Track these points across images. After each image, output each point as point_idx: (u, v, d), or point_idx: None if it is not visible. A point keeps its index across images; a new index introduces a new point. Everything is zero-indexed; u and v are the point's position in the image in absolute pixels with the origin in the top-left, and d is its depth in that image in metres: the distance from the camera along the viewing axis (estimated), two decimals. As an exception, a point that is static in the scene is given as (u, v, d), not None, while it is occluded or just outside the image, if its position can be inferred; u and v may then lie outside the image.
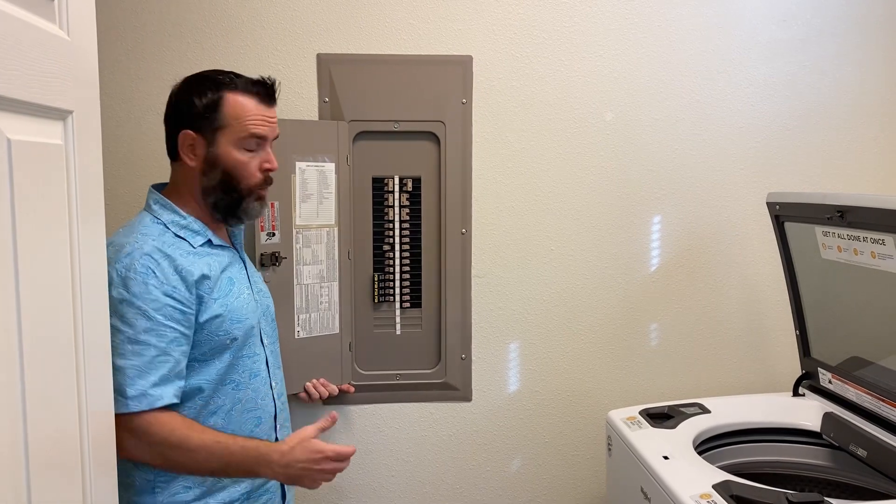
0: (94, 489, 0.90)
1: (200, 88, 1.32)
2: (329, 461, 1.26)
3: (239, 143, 1.33)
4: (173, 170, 1.38)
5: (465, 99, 1.91)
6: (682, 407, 1.71)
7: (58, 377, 0.82)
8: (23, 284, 0.72)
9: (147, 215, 1.32)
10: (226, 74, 1.35)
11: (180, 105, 1.33)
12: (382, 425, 1.99)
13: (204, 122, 1.31)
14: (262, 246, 1.75)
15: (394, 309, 1.96)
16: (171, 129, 1.35)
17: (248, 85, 1.34)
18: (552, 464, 2.06)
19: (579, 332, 2.02)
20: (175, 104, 1.34)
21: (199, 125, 1.31)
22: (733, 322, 2.05)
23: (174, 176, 1.37)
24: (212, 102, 1.31)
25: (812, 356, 1.76)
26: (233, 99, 1.32)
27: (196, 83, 1.33)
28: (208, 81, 1.33)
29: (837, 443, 1.61)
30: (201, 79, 1.34)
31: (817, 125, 2.01)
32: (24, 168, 0.73)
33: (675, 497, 1.31)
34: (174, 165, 1.37)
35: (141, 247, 1.24)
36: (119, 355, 1.18)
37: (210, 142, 1.32)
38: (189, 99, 1.32)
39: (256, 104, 1.34)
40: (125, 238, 1.26)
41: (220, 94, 1.32)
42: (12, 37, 0.72)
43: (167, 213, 1.33)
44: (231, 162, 1.33)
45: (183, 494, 1.28)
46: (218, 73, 1.35)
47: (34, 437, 0.74)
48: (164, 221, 1.31)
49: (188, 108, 1.32)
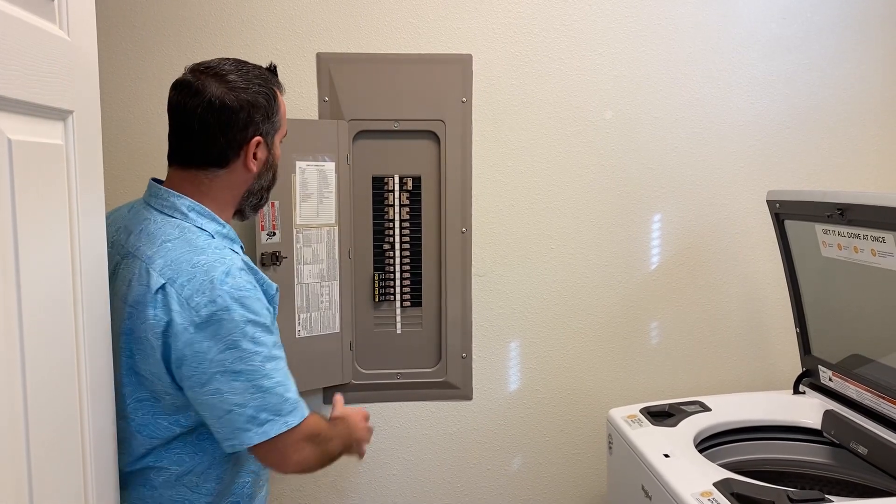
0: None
1: (262, 88, 1.20)
2: (366, 419, 1.38)
3: (282, 139, 1.29)
4: (211, 175, 1.19)
5: (464, 98, 1.91)
6: (682, 405, 1.72)
7: (59, 377, 0.82)
8: (24, 284, 0.72)
9: (187, 224, 1.16)
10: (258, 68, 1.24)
11: (245, 108, 1.17)
12: (383, 424, 1.99)
13: (271, 125, 1.22)
14: (263, 245, 1.75)
15: (394, 308, 1.97)
16: (232, 136, 1.18)
17: (276, 78, 1.27)
18: (553, 462, 2.06)
19: (579, 330, 2.02)
20: (236, 108, 1.17)
21: (267, 129, 1.22)
22: (734, 320, 2.05)
23: (214, 182, 1.20)
24: (274, 102, 1.22)
25: (812, 354, 1.76)
26: (278, 97, 1.25)
27: (254, 81, 1.20)
28: (262, 79, 1.21)
29: (838, 440, 1.61)
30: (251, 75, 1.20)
31: (817, 123, 2.01)
32: (24, 168, 0.73)
33: (676, 495, 1.31)
34: (214, 172, 1.19)
35: (234, 262, 1.12)
36: (263, 376, 1.09)
37: (271, 144, 1.24)
38: (256, 101, 1.19)
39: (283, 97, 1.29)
40: (196, 255, 1.11)
41: (275, 90, 1.23)
42: (12, 37, 0.72)
43: (208, 221, 1.18)
44: (277, 161, 1.28)
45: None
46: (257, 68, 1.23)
47: (35, 434, 0.74)
48: (210, 231, 1.17)
49: (257, 111, 1.19)
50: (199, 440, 1.15)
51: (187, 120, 1.18)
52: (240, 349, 1.07)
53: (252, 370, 1.08)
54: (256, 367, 1.09)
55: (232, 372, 1.07)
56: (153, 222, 1.16)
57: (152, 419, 1.12)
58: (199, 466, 1.16)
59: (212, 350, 1.06)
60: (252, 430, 1.08)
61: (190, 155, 1.20)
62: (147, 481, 1.14)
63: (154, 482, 1.14)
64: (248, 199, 1.26)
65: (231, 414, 1.08)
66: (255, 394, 1.08)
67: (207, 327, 1.07)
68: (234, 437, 1.09)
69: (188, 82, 1.18)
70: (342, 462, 1.96)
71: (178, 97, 1.19)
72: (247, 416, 1.08)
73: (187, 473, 1.15)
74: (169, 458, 1.14)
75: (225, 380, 1.07)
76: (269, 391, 1.09)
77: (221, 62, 1.21)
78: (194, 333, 1.07)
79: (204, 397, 1.08)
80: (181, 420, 1.13)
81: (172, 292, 1.07)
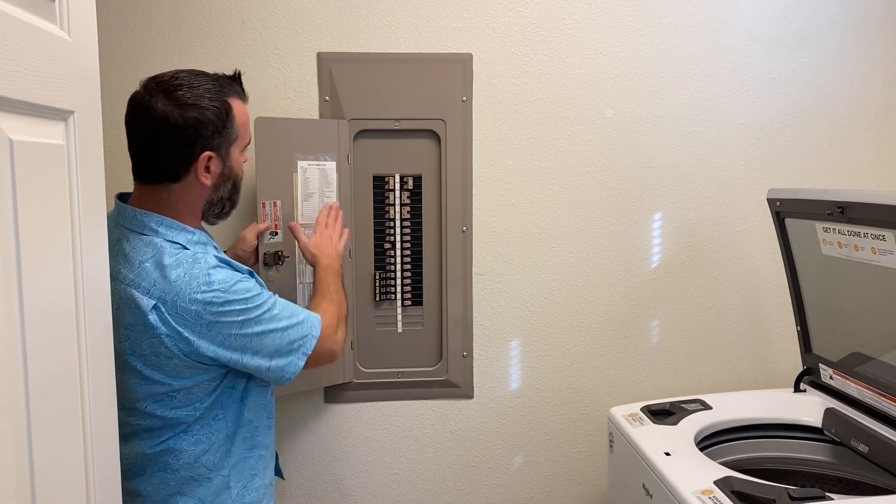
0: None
1: (211, 102, 1.20)
2: (327, 212, 1.59)
3: (242, 149, 1.30)
4: (167, 189, 1.22)
5: (465, 97, 1.91)
6: (683, 403, 1.72)
7: (60, 377, 0.82)
8: (26, 284, 0.73)
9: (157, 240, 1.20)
10: (221, 78, 1.26)
11: (191, 125, 1.18)
12: (384, 423, 1.99)
13: (222, 139, 1.22)
14: (265, 245, 1.75)
15: (395, 307, 1.97)
16: (179, 152, 1.20)
17: (237, 87, 1.29)
18: (554, 460, 2.06)
19: (580, 328, 2.02)
20: (181, 126, 1.18)
21: (219, 143, 1.22)
22: (734, 318, 2.05)
23: (171, 195, 1.23)
24: (225, 116, 1.22)
25: (813, 352, 1.76)
26: (236, 106, 1.25)
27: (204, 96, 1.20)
28: (213, 92, 1.21)
29: (839, 438, 1.61)
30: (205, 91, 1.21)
31: (818, 121, 2.00)
32: (25, 168, 0.73)
33: (676, 493, 1.32)
34: (169, 186, 1.22)
35: (207, 262, 1.18)
36: (277, 320, 1.25)
37: (225, 156, 1.25)
38: (203, 117, 1.19)
39: (245, 105, 1.30)
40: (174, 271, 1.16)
41: (228, 103, 1.23)
42: (13, 37, 0.72)
43: (177, 233, 1.22)
44: (238, 170, 1.30)
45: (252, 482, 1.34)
46: (215, 78, 1.25)
47: (37, 431, 0.75)
48: (182, 242, 1.21)
49: (204, 127, 1.19)
50: (215, 421, 1.27)
51: (137, 137, 1.23)
52: (251, 321, 1.21)
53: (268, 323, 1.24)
54: (269, 319, 1.24)
55: (254, 335, 1.22)
56: (127, 242, 1.21)
57: (171, 412, 1.22)
58: (214, 445, 1.27)
59: (229, 338, 1.20)
60: (294, 359, 1.28)
61: (145, 170, 1.24)
62: (167, 466, 1.24)
63: (174, 465, 1.24)
64: (210, 210, 1.30)
65: (274, 360, 1.25)
66: (282, 335, 1.26)
67: (214, 326, 1.18)
68: (284, 373, 1.27)
69: (138, 98, 1.22)
70: (343, 461, 1.98)
71: (129, 113, 1.24)
72: (284, 352, 1.26)
73: (205, 453, 1.26)
74: (188, 440, 1.24)
75: (255, 344, 1.23)
76: (287, 329, 1.26)
77: (175, 75, 1.23)
78: (208, 335, 1.18)
79: (245, 363, 1.23)
80: (197, 405, 1.24)
81: (165, 311, 1.16)
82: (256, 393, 1.32)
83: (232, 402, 1.29)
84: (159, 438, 1.23)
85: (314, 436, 1.97)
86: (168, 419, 1.22)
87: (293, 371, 1.28)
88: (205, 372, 1.22)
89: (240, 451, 1.31)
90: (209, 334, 1.18)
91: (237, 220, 1.72)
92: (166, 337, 1.16)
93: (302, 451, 1.97)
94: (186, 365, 1.19)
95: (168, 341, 1.16)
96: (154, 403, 1.21)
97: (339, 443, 1.98)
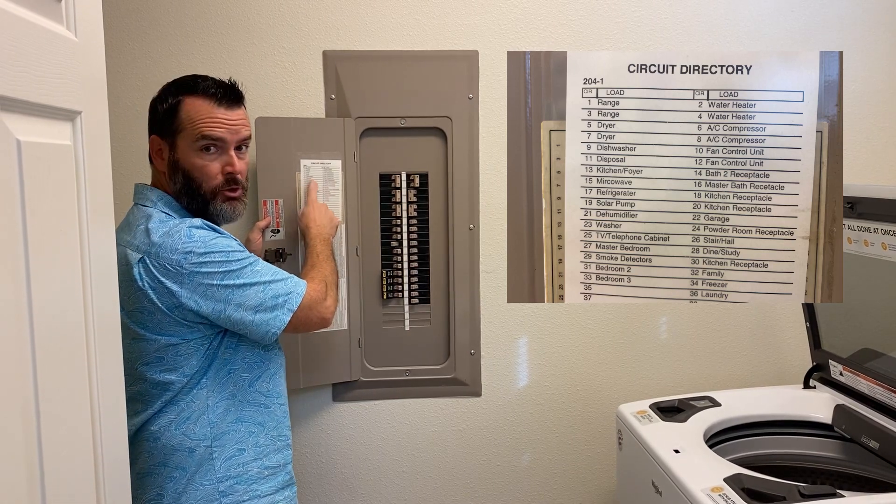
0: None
1: (164, 94, 1.37)
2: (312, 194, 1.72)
3: (195, 146, 1.34)
4: (155, 171, 1.42)
5: (471, 94, 1.91)
6: (692, 400, 1.71)
7: (68, 378, 0.82)
8: (34, 283, 0.73)
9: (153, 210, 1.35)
10: (193, 78, 1.38)
11: (151, 110, 1.39)
12: (392, 421, 1.99)
13: (165, 126, 1.35)
14: (267, 243, 1.76)
15: (402, 305, 1.97)
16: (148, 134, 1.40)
17: (209, 87, 1.35)
18: (562, 458, 2.06)
19: (588, 326, 2.02)
20: (150, 110, 1.40)
21: (162, 130, 1.36)
22: (743, 315, 2.04)
23: (157, 177, 1.41)
24: (171, 107, 1.35)
25: (823, 348, 1.75)
26: (190, 102, 1.34)
27: (164, 88, 1.38)
28: (173, 86, 1.37)
29: (849, 435, 1.60)
30: (169, 84, 1.39)
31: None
32: (33, 169, 0.73)
33: (686, 491, 1.31)
34: (154, 167, 1.41)
35: (192, 223, 1.30)
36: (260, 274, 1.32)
37: (171, 146, 1.36)
38: (154, 104, 1.38)
39: (213, 106, 1.34)
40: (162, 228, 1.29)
41: (178, 98, 1.35)
42: (20, 39, 0.72)
43: (171, 208, 1.37)
44: (189, 165, 1.35)
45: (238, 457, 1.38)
46: (186, 78, 1.38)
47: (47, 426, 0.75)
48: (173, 214, 1.35)
49: (153, 113, 1.38)
50: (200, 389, 1.33)
51: None
52: (232, 273, 1.29)
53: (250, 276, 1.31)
54: (251, 273, 1.31)
55: (236, 287, 1.29)
56: (131, 213, 1.37)
57: (160, 375, 1.31)
58: (195, 413, 1.33)
59: (211, 288, 1.27)
60: (279, 314, 1.33)
61: None
62: (150, 435, 1.32)
63: (157, 434, 1.32)
64: (180, 201, 1.37)
65: (258, 314, 1.31)
66: (265, 288, 1.32)
67: (195, 276, 1.27)
68: (269, 327, 1.32)
69: None
70: (351, 459, 1.98)
71: None
72: (268, 306, 1.32)
73: (187, 421, 1.33)
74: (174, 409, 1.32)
75: (238, 296, 1.29)
76: (270, 283, 1.33)
77: None
78: (190, 284, 1.26)
79: (228, 315, 1.29)
80: (185, 370, 1.31)
81: (150, 262, 1.26)
82: (242, 367, 1.38)
83: (218, 372, 1.35)
84: (150, 405, 1.32)
85: (322, 433, 1.98)
86: (157, 383, 1.31)
87: (278, 325, 1.33)
88: (189, 330, 1.30)
89: (224, 423, 1.35)
90: (191, 284, 1.26)
91: (246, 222, 1.72)
92: (151, 290, 1.25)
93: (310, 449, 1.98)
94: (170, 321, 1.28)
95: (153, 294, 1.26)
96: (144, 366, 1.30)
97: (347, 440, 1.99)
